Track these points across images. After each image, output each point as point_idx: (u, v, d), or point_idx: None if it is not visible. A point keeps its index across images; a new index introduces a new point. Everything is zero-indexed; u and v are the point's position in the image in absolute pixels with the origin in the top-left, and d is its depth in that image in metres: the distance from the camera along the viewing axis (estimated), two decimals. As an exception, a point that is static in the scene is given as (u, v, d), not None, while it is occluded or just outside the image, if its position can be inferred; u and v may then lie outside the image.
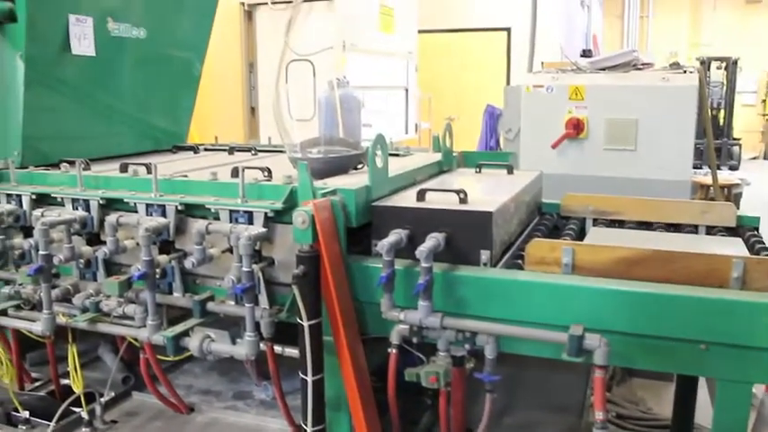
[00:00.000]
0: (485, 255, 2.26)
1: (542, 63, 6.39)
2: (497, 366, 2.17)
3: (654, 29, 19.52)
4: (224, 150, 3.88)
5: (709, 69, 11.27)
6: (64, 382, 3.01)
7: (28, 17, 2.99)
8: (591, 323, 2.04)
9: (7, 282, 2.93)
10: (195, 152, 3.88)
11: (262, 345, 2.38)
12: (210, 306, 2.50)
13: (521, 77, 7.14)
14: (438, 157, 3.29)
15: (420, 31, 8.65)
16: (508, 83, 10.30)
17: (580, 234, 2.98)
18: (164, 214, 2.57)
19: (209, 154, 3.84)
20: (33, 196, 2.89)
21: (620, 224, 3.10)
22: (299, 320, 2.17)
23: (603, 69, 4.82)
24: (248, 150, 3.81)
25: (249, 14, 7.09)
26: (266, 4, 6.91)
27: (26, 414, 2.83)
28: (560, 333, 2.04)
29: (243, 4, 7.00)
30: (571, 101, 4.70)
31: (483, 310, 2.18)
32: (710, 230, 2.97)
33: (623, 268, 2.21)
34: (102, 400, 2.88)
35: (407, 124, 8.22)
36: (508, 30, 10.79)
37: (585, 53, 7.01)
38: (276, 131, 5.38)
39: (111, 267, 2.78)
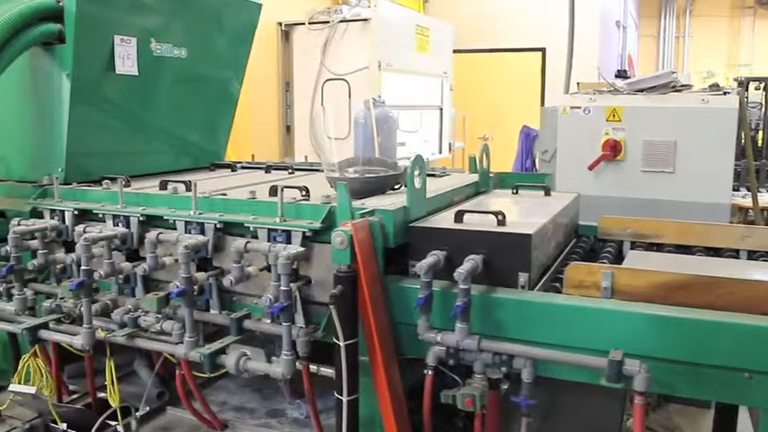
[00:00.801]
0: (523, 277, 2.24)
1: (578, 84, 6.35)
2: (533, 390, 2.15)
3: (690, 49, 19.32)
4: (261, 168, 3.92)
5: (747, 90, 11.10)
6: (100, 395, 3.05)
7: (76, 38, 3.07)
8: (630, 348, 2.01)
9: (48, 295, 2.98)
10: (233, 170, 3.92)
11: (297, 363, 2.38)
12: (247, 324, 2.52)
13: (556, 98, 7.11)
14: (474, 177, 3.28)
15: (455, 51, 8.68)
16: (542, 103, 10.26)
17: (617, 257, 2.94)
18: (202, 232, 2.60)
19: (247, 172, 3.88)
20: (76, 212, 2.95)
21: (659, 248, 3.05)
22: (335, 340, 2.17)
23: (641, 91, 4.76)
24: (285, 169, 3.84)
25: (286, 34, 7.19)
26: (303, 24, 7.01)
27: (64, 426, 2.86)
28: (599, 358, 2.01)
29: (280, 24, 7.11)
30: (608, 122, 4.65)
31: (520, 333, 2.16)
32: (752, 255, 2.91)
33: (663, 293, 2.18)
34: (138, 414, 2.90)
35: (441, 144, 8.23)
36: (543, 50, 10.77)
37: (620, 74, 6.96)
38: (311, 150, 5.43)
39: (150, 283, 2.81)
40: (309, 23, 6.96)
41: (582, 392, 2.36)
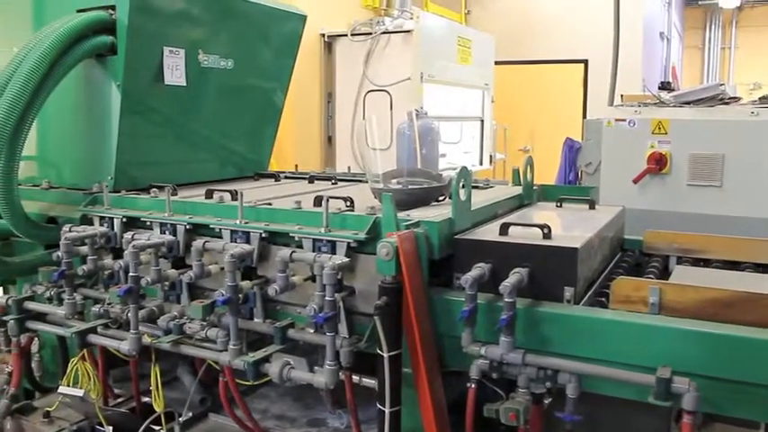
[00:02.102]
0: (568, 291, 2.22)
1: (622, 96, 6.29)
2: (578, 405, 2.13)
3: (736, 60, 18.96)
4: (304, 178, 3.95)
5: (796, 103, 10.85)
6: (144, 399, 3.10)
7: (127, 50, 3.14)
8: (677, 366, 1.97)
9: (96, 300, 3.04)
10: (276, 180, 3.97)
11: (340, 373, 2.39)
12: (291, 333, 2.53)
13: (599, 110, 7.04)
14: (518, 190, 3.27)
15: (496, 63, 8.65)
16: (584, 115, 10.17)
17: (663, 272, 2.89)
18: (248, 241, 2.63)
19: (290, 182, 3.92)
20: (124, 219, 3.00)
21: (706, 263, 2.99)
22: (378, 351, 2.17)
23: (688, 103, 4.69)
24: (328, 179, 3.87)
25: (329, 46, 7.25)
26: (346, 35, 7.06)
27: (110, 429, 2.91)
28: (647, 375, 1.98)
29: (323, 35, 7.17)
30: (654, 135, 4.60)
31: (566, 347, 2.14)
32: (803, 272, 2.84)
33: (712, 310, 2.14)
34: (181, 419, 2.94)
35: (482, 155, 8.20)
36: (585, 62, 10.68)
37: (664, 85, 6.88)
38: (352, 160, 5.46)
39: (195, 290, 2.85)
40: (352, 35, 7.01)
41: (625, 409, 2.32)
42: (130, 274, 2.62)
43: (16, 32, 3.51)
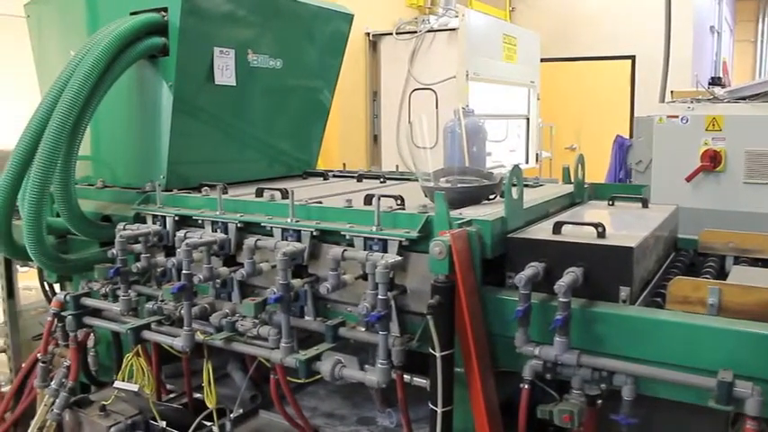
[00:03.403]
0: (624, 291, 2.18)
1: (672, 92, 6.16)
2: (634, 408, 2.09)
3: (791, 54, 18.40)
4: (352, 177, 3.96)
5: None
6: (196, 395, 3.14)
7: (179, 51, 3.19)
8: (738, 369, 1.91)
9: (149, 297, 3.09)
10: (325, 178, 3.98)
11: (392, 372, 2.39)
12: (342, 332, 2.54)
13: (648, 107, 6.91)
14: (569, 188, 3.22)
15: (542, 60, 8.57)
16: (632, 112, 10.00)
17: (720, 272, 2.82)
18: (299, 239, 2.65)
19: (338, 180, 3.93)
20: (176, 217, 3.05)
21: (764, 263, 2.91)
22: (431, 350, 2.16)
23: (744, 99, 4.57)
24: (376, 178, 3.87)
25: (374, 44, 7.26)
26: (391, 34, 7.06)
27: (163, 424, 2.96)
28: (708, 378, 1.93)
29: (368, 34, 7.19)
30: (708, 132, 4.49)
31: (621, 348, 2.10)
32: None
33: (775, 312, 2.08)
34: (232, 416, 2.97)
35: (528, 154, 8.13)
36: (632, 57, 10.50)
37: (715, 81, 6.70)
38: (398, 159, 5.45)
39: (245, 288, 2.88)
40: (397, 33, 7.02)
41: (678, 412, 2.27)
42: (183, 271, 2.66)
43: (72, 37, 3.58)
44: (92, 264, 3.25)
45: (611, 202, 3.19)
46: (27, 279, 4.40)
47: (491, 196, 2.78)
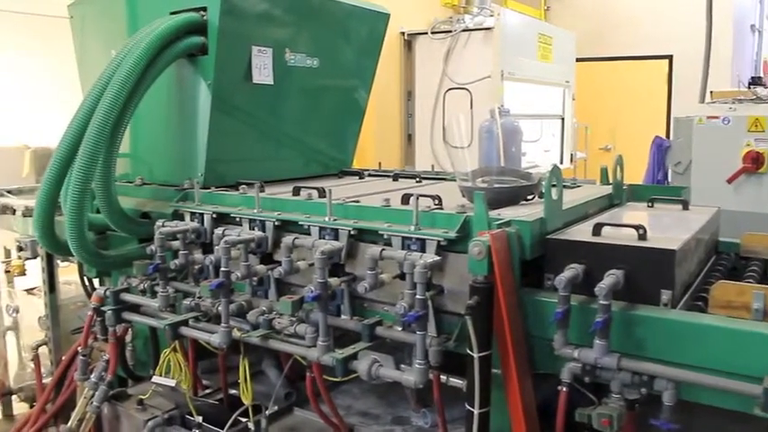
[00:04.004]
0: (666, 295, 2.14)
1: (711, 92, 6.05)
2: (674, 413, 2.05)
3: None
4: (388, 176, 3.96)
5: None
6: (231, 391, 3.17)
7: (218, 50, 3.22)
8: (783, 376, 1.87)
9: (186, 294, 3.13)
10: (361, 177, 3.99)
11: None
12: (379, 331, 2.54)
13: (686, 108, 6.79)
14: (607, 189, 3.18)
15: (577, 60, 8.48)
16: (668, 113, 9.86)
17: (763, 277, 2.76)
18: (336, 238, 2.65)
19: (374, 180, 3.94)
20: (214, 215, 3.08)
21: (810, 269, 2.85)
22: (468, 351, 2.15)
23: (787, 100, 4.49)
24: (413, 177, 3.86)
25: (409, 44, 7.25)
26: (425, 33, 7.05)
27: (199, 419, 2.99)
28: (753, 385, 1.89)
29: (403, 33, 7.18)
30: (750, 133, 4.40)
31: (662, 353, 2.06)
32: None
33: (824, 318, 2.03)
34: (267, 413, 2.99)
35: (563, 154, 8.06)
36: (670, 57, 10.34)
37: (755, 81, 6.55)
38: (433, 159, 5.45)
39: (282, 286, 2.89)
40: (432, 33, 7.00)
41: (722, 419, 2.23)
42: (222, 268, 2.68)
43: (113, 36, 3.63)
44: (130, 260, 3.31)
45: (650, 204, 3.14)
46: (66, 274, 4.48)
47: (529, 197, 2.76)
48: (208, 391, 3.37)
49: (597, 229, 2.35)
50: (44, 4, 5.17)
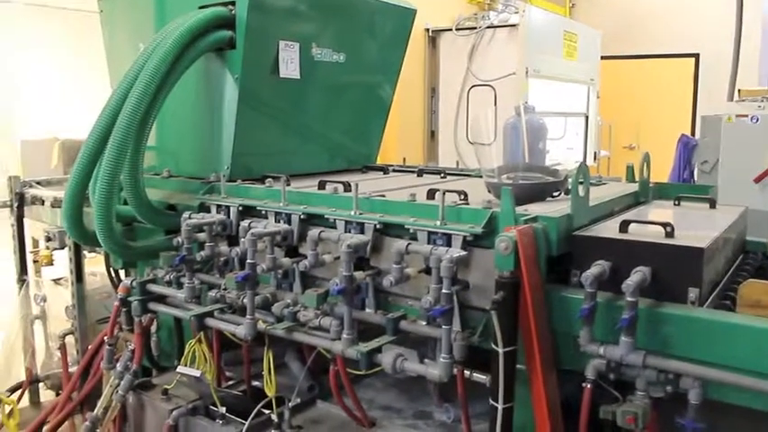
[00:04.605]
0: (693, 293, 2.13)
1: (739, 91, 5.98)
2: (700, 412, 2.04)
3: None
4: (412, 172, 3.96)
5: None
6: (254, 383, 3.20)
7: (245, 44, 3.24)
8: (812, 377, 1.86)
9: (211, 286, 3.16)
10: (385, 173, 4.00)
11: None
12: (403, 325, 2.55)
13: (712, 106, 6.73)
14: (633, 187, 3.17)
15: (602, 58, 8.42)
16: (694, 111, 9.76)
17: (791, 277, 2.73)
18: (362, 231, 2.66)
19: (399, 175, 3.94)
20: (240, 208, 3.10)
21: (840, 269, 2.81)
22: (493, 346, 2.15)
23: (817, 99, 4.43)
24: (437, 173, 3.87)
25: (433, 40, 7.25)
26: (450, 30, 7.04)
27: (223, 410, 3.02)
28: (785, 386, 1.88)
29: (427, 30, 7.18)
30: (780, 132, 4.36)
31: (689, 351, 2.05)
32: None
33: None
34: (290, 405, 3.01)
35: (586, 152, 8.01)
36: (696, 55, 10.23)
37: (781, 79, 6.47)
38: (456, 155, 5.43)
39: (307, 279, 2.91)
40: (456, 29, 6.99)
41: (748, 419, 2.22)
42: (248, 260, 2.71)
43: (142, 30, 3.67)
44: (157, 251, 3.34)
45: (676, 202, 3.12)
46: (92, 265, 4.55)
47: (555, 193, 2.75)
48: (231, 382, 3.40)
49: (624, 226, 2.34)
50: (74, -2, 5.24)
